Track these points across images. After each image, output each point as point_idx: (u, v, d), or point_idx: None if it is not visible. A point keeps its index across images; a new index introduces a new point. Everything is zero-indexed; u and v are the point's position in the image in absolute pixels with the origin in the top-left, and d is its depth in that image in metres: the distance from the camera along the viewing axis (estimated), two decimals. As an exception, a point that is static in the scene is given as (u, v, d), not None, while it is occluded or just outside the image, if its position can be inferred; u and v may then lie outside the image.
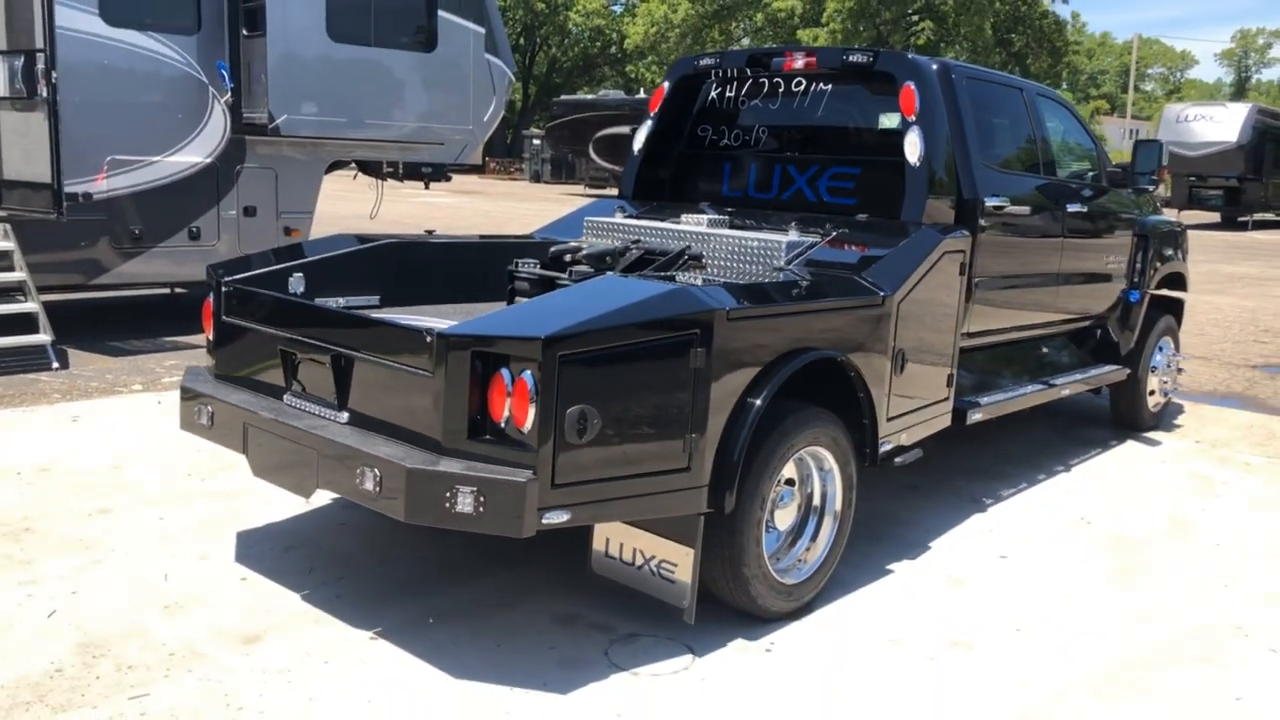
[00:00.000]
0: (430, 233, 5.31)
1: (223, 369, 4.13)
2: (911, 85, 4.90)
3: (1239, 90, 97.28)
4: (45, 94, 7.37)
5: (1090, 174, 6.47)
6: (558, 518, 3.21)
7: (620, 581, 3.83)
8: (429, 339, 3.22)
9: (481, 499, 3.13)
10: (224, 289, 4.07)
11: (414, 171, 10.76)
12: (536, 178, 44.24)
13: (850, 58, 5.17)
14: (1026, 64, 43.62)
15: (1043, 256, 5.76)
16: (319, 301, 4.40)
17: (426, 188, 11.64)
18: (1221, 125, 28.38)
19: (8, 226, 7.88)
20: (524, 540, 3.21)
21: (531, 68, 57.49)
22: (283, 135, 8.78)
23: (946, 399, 4.95)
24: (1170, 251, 7.06)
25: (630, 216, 5.47)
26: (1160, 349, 7.06)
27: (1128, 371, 6.72)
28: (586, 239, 5.26)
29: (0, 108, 7.94)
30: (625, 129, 35.10)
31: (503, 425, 3.19)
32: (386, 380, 3.43)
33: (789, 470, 4.05)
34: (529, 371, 3.11)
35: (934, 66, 5.07)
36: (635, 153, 5.90)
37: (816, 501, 4.18)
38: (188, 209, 8.77)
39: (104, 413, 6.37)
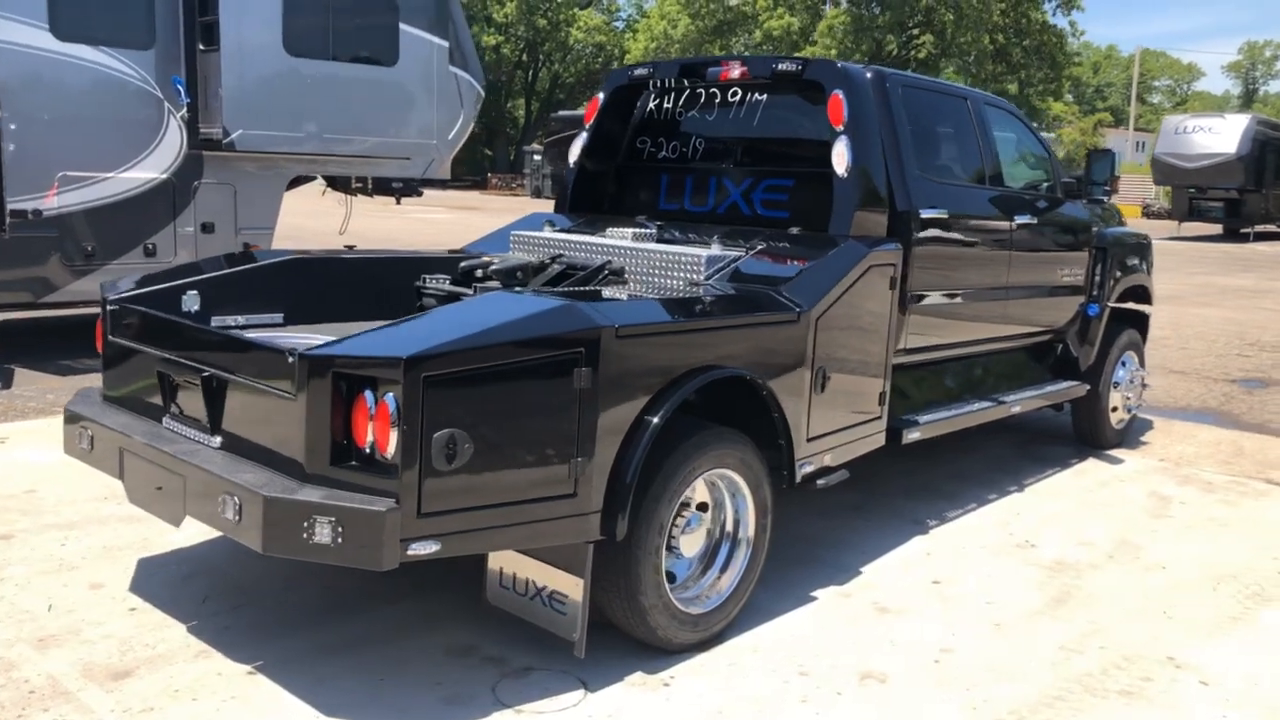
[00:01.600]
0: (350, 248, 5.17)
1: (110, 390, 3.98)
2: (840, 94, 4.75)
3: (1246, 102, 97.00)
4: (-12, 111, 7.26)
5: (1045, 185, 6.30)
6: (426, 548, 3.04)
7: (513, 612, 3.67)
8: (290, 359, 3.07)
9: (340, 529, 2.97)
10: (109, 307, 3.92)
11: (384, 187, 10.63)
12: (538, 193, 44.12)
13: (779, 66, 5.03)
14: (1025, 77, 43.46)
15: (989, 269, 5.59)
16: (216, 320, 4.26)
17: (397, 203, 11.50)
18: (1220, 137, 28.13)
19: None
20: (440, 566, 3.05)
21: (534, 84, 57.59)
22: (237, 150, 8.67)
23: (879, 417, 4.78)
24: (1132, 264, 6.88)
25: (560, 230, 5.32)
26: (1123, 364, 6.88)
27: (1087, 387, 6.54)
28: (512, 253, 5.11)
29: (-54, 125, 7.83)
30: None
31: (368, 450, 3.04)
32: (255, 402, 3.28)
33: (701, 494, 3.89)
34: (391, 394, 2.95)
35: (865, 74, 4.92)
36: (571, 165, 5.75)
37: (729, 527, 4.01)
38: (143, 225, 8.64)
39: (34, 434, 6.23)
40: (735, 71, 5.21)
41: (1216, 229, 31.11)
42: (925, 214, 5.00)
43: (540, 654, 3.69)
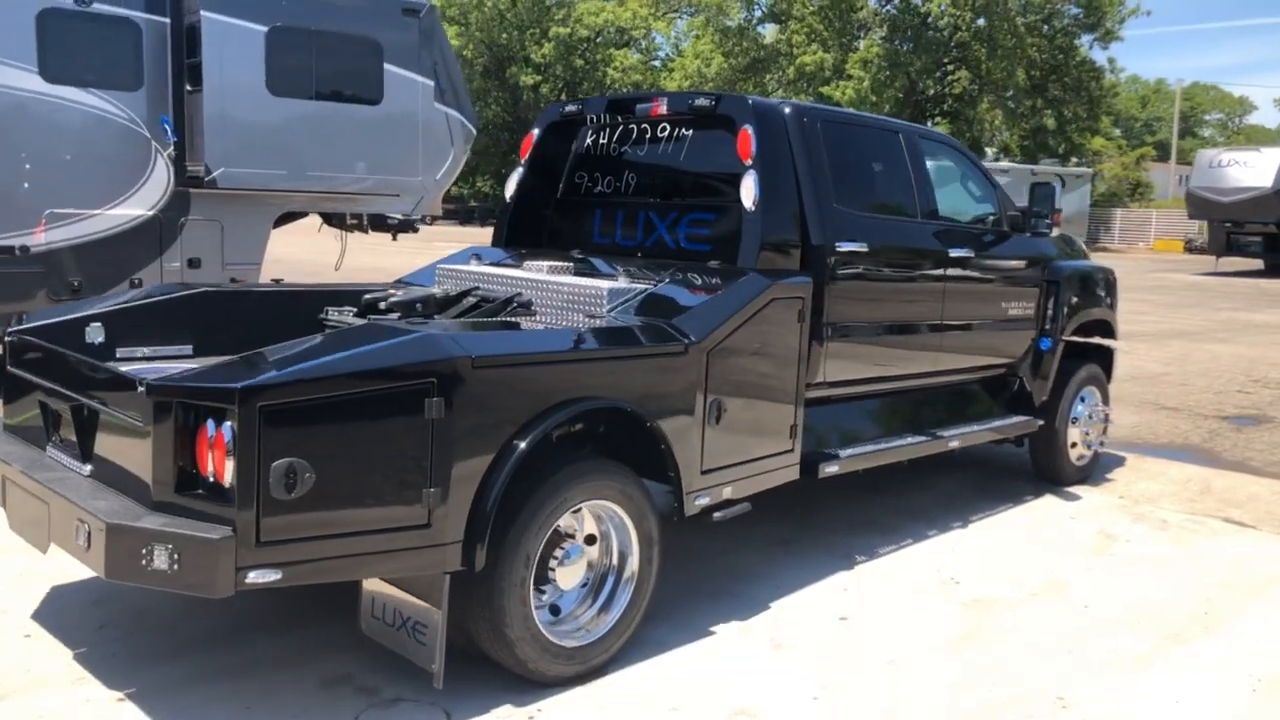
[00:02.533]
0: (277, 281, 5.26)
1: (9, 420, 4.09)
2: (749, 129, 4.78)
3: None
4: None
5: (991, 219, 6.26)
6: (265, 576, 3.08)
7: (383, 642, 3.69)
8: (140, 389, 3.13)
9: (176, 556, 3.02)
10: (8, 339, 4.03)
11: (380, 223, 10.79)
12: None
13: (696, 102, 5.07)
14: (1062, 111, 43.12)
15: (922, 302, 5.55)
16: (122, 352, 4.35)
17: (394, 239, 11.68)
18: (1255, 170, 27.65)
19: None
20: (338, 592, 3.06)
21: (572, 122, 58.16)
22: (220, 188, 8.86)
23: (790, 450, 4.75)
24: (1090, 298, 6.78)
25: (488, 263, 5.38)
26: (1082, 399, 6.77)
27: (1040, 422, 6.45)
28: (437, 286, 5.17)
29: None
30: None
31: (210, 479, 3.09)
32: (116, 431, 3.35)
33: (590, 526, 3.90)
34: (228, 424, 3.00)
35: (776, 110, 4.95)
36: (507, 200, 5.82)
37: (615, 560, 4.00)
38: (129, 261, 8.85)
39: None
40: (661, 108, 5.26)
41: (1258, 264, 30.49)
42: (843, 247, 4.99)
43: (415, 685, 3.69)
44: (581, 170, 5.77)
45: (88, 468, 3.50)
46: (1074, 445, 6.74)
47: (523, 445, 3.51)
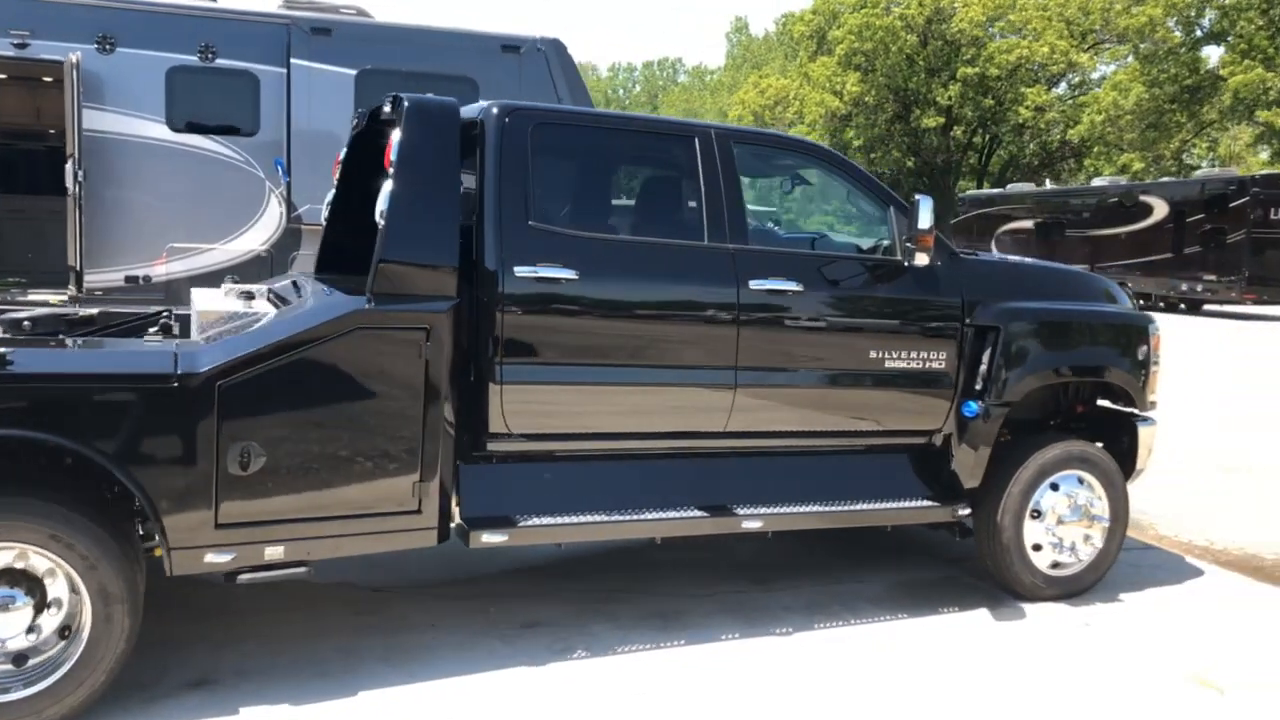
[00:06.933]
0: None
1: None
2: (396, 134, 4.12)
3: None
4: (73, 190, 8.59)
5: (884, 245, 4.88)
6: None
7: None
8: None
9: None
10: None
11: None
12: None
13: (384, 107, 4.46)
14: None
15: (692, 345, 4.40)
16: None
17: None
18: None
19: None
20: None
21: (986, 165, 55.13)
22: (305, 223, 9.36)
23: (416, 512, 3.97)
24: (1066, 352, 5.06)
25: (231, 292, 5.02)
26: (1054, 487, 5.03)
27: (964, 512, 4.88)
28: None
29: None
30: (1029, 223, 32.51)
31: None
32: None
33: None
34: None
35: (449, 108, 4.21)
36: (322, 223, 5.52)
37: (65, 614, 3.54)
38: (242, 292, 9.60)
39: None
40: (386, 113, 4.68)
41: None
42: (530, 272, 4.11)
43: None
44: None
45: None
46: (1038, 548, 5.02)
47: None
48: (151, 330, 4.39)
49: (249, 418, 3.66)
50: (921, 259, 4.61)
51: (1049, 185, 37.10)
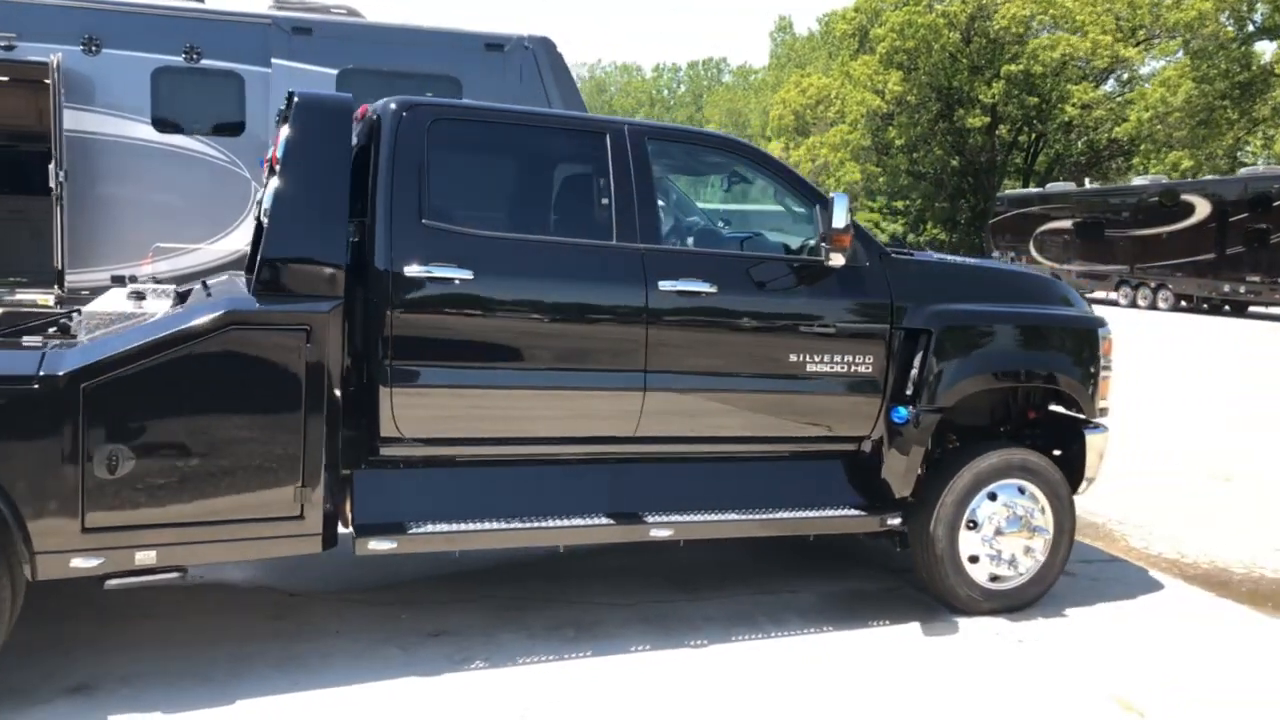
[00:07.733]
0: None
1: None
2: (283, 129, 4.03)
3: None
4: (55, 190, 8.65)
5: (809, 243, 4.70)
6: None
7: None
8: None
9: None
10: None
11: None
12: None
13: (281, 107, 4.38)
14: None
15: (595, 348, 4.27)
16: None
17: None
18: None
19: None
20: None
21: (1033, 164, 54.13)
22: (287, 223, 9.35)
23: (298, 518, 3.88)
24: (1003, 356, 4.84)
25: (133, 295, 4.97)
26: (991, 496, 4.82)
27: (894, 521, 4.70)
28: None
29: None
30: (1068, 223, 31.82)
31: None
32: None
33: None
34: None
35: (342, 104, 4.11)
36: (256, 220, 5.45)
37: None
38: (229, 292, 9.63)
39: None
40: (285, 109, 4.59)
41: None
42: (423, 272, 4.01)
43: None
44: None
45: None
46: (974, 560, 4.82)
47: None
48: (50, 331, 4.36)
49: (116, 420, 3.60)
50: (837, 259, 4.43)
51: (1089, 184, 36.24)
